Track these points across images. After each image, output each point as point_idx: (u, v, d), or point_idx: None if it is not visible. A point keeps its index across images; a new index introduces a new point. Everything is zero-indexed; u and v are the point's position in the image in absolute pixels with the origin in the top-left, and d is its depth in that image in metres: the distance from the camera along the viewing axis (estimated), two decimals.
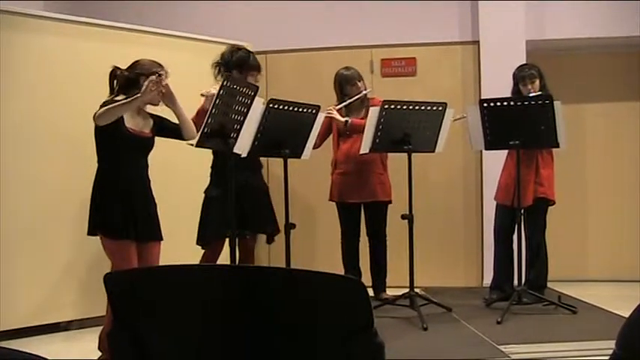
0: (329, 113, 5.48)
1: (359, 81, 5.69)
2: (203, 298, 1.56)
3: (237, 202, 4.79)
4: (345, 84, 5.67)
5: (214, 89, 4.72)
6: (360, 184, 5.65)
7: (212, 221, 4.88)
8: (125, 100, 4.03)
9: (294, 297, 1.50)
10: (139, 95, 4.01)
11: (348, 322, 1.48)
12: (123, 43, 4.54)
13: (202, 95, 4.71)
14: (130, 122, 4.15)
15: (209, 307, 1.55)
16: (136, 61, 4.31)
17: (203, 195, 5.02)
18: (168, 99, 4.23)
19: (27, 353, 1.80)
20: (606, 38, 6.62)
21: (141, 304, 1.62)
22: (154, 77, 4.06)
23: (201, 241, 4.94)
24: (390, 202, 5.75)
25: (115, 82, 4.25)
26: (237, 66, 4.96)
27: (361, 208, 5.81)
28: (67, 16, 5.36)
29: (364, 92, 5.65)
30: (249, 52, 5.06)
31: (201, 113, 4.73)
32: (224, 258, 5.05)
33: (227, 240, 4.98)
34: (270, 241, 5.25)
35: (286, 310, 1.50)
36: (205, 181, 5.05)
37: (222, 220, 4.80)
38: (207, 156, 4.99)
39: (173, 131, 4.36)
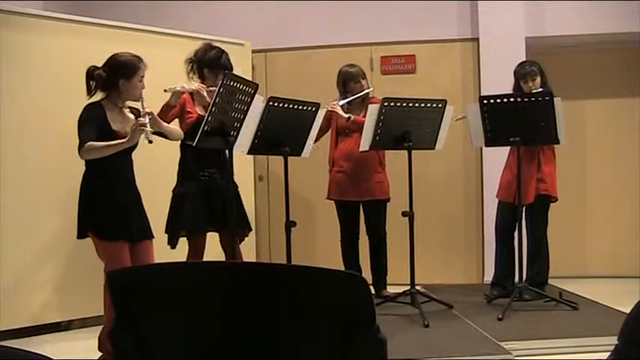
0: (332, 108, 5.49)
1: (363, 79, 5.69)
2: (205, 295, 1.56)
3: (206, 200, 4.78)
4: (348, 81, 5.67)
5: (179, 85, 4.71)
6: (358, 182, 5.65)
7: (181, 219, 4.79)
8: (113, 143, 3.99)
9: (296, 293, 1.50)
10: (127, 140, 3.99)
11: (351, 317, 1.48)
12: (122, 43, 4.54)
13: (166, 91, 4.68)
14: (113, 124, 4.12)
15: (211, 304, 1.55)
16: (113, 57, 4.22)
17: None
18: (156, 126, 4.18)
19: (30, 352, 1.80)
20: (606, 34, 6.61)
21: (143, 302, 1.62)
22: (140, 120, 4.00)
23: (170, 240, 4.81)
24: (388, 200, 5.75)
25: (93, 81, 4.17)
26: (209, 64, 4.92)
27: (359, 207, 5.81)
28: (66, 15, 5.35)
29: (367, 90, 5.65)
30: (223, 51, 5.01)
31: (165, 110, 4.71)
32: (213, 256, 5.05)
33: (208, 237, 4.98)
34: (240, 240, 5.18)
35: (288, 306, 1.50)
36: None
37: (193, 216, 4.77)
38: None
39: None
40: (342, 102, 5.58)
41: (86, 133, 4.01)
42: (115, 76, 4.16)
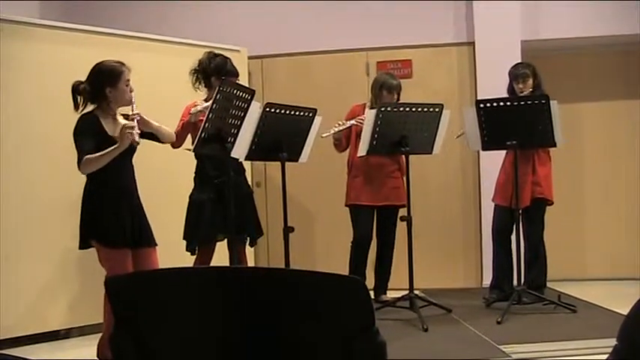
0: (359, 122, 5.44)
1: (397, 93, 5.68)
2: (204, 300, 1.56)
3: (224, 206, 4.79)
4: (384, 89, 5.62)
5: (201, 106, 4.70)
6: (375, 186, 5.62)
7: (200, 226, 4.83)
8: (107, 151, 3.95)
9: (295, 297, 1.50)
10: (118, 146, 3.96)
11: (350, 321, 1.48)
12: (118, 50, 4.54)
13: (191, 114, 4.66)
14: (109, 132, 4.10)
15: (211, 309, 1.55)
16: (95, 67, 4.18)
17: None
18: (144, 126, 4.17)
19: None
20: (601, 37, 6.64)
21: (143, 307, 1.62)
22: (127, 123, 3.99)
23: (190, 246, 4.88)
24: (402, 206, 5.69)
25: (80, 96, 4.15)
26: (216, 72, 4.93)
27: (374, 211, 5.78)
28: (62, 23, 5.36)
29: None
30: (227, 58, 5.04)
31: (186, 126, 4.69)
32: (217, 261, 5.04)
33: (217, 243, 4.99)
34: (252, 243, 5.21)
35: (288, 310, 1.51)
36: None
37: (209, 223, 4.79)
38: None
39: (150, 133, 4.33)
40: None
41: (82, 147, 4.01)
42: (101, 86, 4.13)
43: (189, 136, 4.82)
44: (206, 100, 4.84)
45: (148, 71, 5.17)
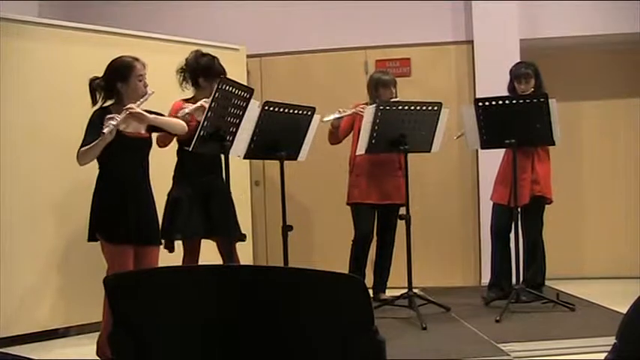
0: (360, 111, 5.46)
1: (393, 87, 5.68)
2: (203, 299, 1.56)
3: (202, 204, 4.77)
4: (380, 86, 5.64)
5: (188, 109, 4.65)
6: (377, 185, 5.62)
7: (176, 223, 4.76)
8: (94, 143, 3.97)
9: (294, 296, 1.50)
10: (102, 138, 3.96)
11: (349, 319, 1.48)
12: (116, 48, 4.53)
13: (177, 117, 4.62)
14: (121, 127, 4.09)
15: (209, 307, 1.55)
16: (111, 63, 4.23)
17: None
18: (141, 121, 4.18)
19: (28, 358, 1.80)
20: (600, 35, 6.64)
21: (141, 306, 1.62)
22: (109, 115, 4.00)
23: (168, 244, 4.78)
24: (404, 204, 5.68)
25: (97, 92, 4.20)
26: (204, 73, 4.90)
27: (376, 210, 5.78)
28: (60, 22, 5.35)
29: (394, 100, 5.62)
30: (214, 57, 5.02)
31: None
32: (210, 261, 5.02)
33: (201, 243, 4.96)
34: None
35: (287, 308, 1.51)
36: None
37: (186, 220, 4.75)
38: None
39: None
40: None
41: (84, 139, 4.05)
42: (113, 82, 4.19)
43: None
44: (193, 100, 4.81)
45: (147, 70, 5.16)
